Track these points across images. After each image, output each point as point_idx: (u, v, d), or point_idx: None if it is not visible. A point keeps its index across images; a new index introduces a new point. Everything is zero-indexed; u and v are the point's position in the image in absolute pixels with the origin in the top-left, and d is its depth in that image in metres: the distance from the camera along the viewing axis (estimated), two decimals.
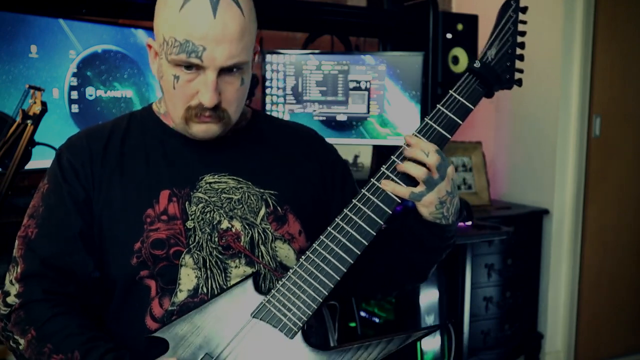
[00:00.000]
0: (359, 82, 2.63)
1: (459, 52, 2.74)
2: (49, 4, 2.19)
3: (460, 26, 2.73)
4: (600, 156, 3.08)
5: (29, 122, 1.63)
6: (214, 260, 1.08)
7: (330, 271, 1.01)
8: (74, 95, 2.21)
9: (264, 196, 1.13)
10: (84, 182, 1.09)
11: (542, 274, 3.10)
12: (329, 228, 1.04)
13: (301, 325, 1.00)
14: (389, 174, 1.05)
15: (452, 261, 2.64)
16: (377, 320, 2.78)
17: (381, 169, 1.05)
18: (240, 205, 1.11)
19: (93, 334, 1.03)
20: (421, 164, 1.03)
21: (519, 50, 1.10)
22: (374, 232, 1.03)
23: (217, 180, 1.12)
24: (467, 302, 2.69)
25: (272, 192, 1.14)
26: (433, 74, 2.70)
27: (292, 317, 1.01)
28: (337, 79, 2.63)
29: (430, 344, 2.59)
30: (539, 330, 3.12)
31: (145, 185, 1.10)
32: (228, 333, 1.01)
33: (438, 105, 1.07)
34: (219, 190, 1.12)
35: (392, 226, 1.15)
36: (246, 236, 1.10)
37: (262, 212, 1.12)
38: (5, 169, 1.65)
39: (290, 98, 2.65)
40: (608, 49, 3.03)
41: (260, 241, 1.11)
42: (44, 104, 1.64)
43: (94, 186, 1.10)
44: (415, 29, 2.78)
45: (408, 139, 1.05)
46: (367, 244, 1.03)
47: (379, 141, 2.66)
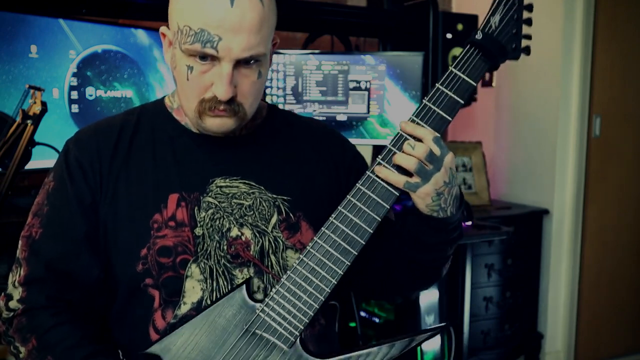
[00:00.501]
0: (359, 82, 2.63)
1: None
2: (49, 4, 2.19)
3: (460, 26, 2.73)
4: (600, 156, 3.08)
5: (29, 122, 1.63)
6: (222, 270, 1.03)
7: (326, 275, 0.96)
8: (74, 95, 2.21)
9: (277, 202, 1.08)
10: (92, 183, 1.05)
11: (542, 274, 3.10)
12: (322, 229, 0.97)
13: (298, 334, 0.96)
14: (384, 165, 0.97)
15: (452, 261, 2.62)
16: (377, 320, 2.77)
17: (377, 159, 0.98)
18: (252, 212, 1.06)
19: (93, 348, 1.00)
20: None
21: (526, 14, 0.99)
22: (371, 230, 0.97)
23: (229, 184, 1.07)
24: (467, 302, 2.70)
25: (285, 198, 1.08)
26: (433, 74, 2.69)
27: (288, 327, 0.96)
28: (337, 79, 2.63)
29: (430, 344, 2.58)
30: (539, 330, 3.12)
31: (153, 187, 1.05)
32: (224, 346, 0.97)
33: (437, 84, 0.98)
34: (230, 195, 1.06)
35: (392, 227, 1.10)
36: (256, 245, 1.05)
37: (274, 220, 1.07)
38: (5, 169, 1.65)
39: (290, 98, 2.64)
40: (608, 49, 3.03)
41: (270, 250, 1.06)
42: (44, 104, 1.64)
43: (101, 188, 1.05)
44: (415, 29, 2.78)
45: (403, 125, 0.97)
46: (365, 243, 0.97)
47: (379, 141, 2.66)
